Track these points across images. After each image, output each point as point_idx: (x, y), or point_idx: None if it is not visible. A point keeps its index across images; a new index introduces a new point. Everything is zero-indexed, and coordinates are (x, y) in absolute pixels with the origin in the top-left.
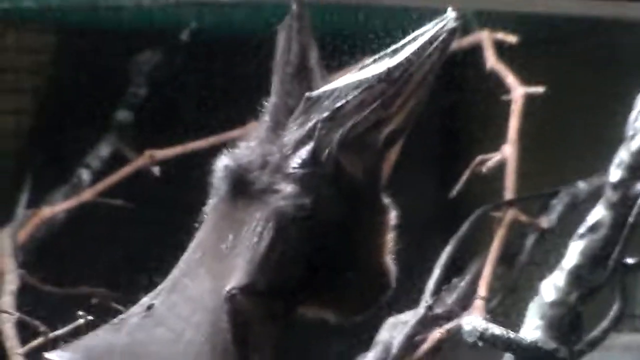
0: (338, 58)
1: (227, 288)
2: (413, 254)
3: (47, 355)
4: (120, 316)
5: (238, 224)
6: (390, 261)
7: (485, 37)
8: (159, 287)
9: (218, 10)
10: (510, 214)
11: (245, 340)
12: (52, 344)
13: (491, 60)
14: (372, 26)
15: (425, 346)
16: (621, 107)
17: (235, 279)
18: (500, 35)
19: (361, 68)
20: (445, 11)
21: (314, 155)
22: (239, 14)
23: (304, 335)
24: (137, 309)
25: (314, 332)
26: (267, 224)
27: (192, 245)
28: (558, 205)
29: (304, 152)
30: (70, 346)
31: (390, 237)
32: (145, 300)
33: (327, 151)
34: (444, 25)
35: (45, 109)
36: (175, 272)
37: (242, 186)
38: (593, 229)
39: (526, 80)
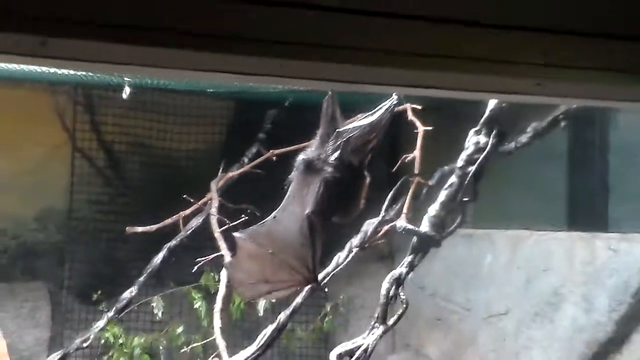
0: (347, 113)
1: (305, 212)
2: (377, 195)
3: (234, 233)
4: (263, 221)
5: (308, 183)
6: (362, 198)
7: (408, 106)
8: (278, 208)
9: (300, 93)
10: (416, 179)
11: (313, 233)
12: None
13: (410, 115)
14: (362, 99)
15: (381, 233)
16: (464, 137)
17: (308, 208)
18: (414, 105)
19: (359, 119)
20: (392, 95)
21: (340, 156)
22: (308, 94)
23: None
24: (270, 217)
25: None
26: (320, 184)
27: (289, 192)
28: (436, 176)
29: (335, 154)
30: (243, 231)
31: (365, 189)
32: (273, 214)
33: (344, 155)
34: (392, 101)
35: (229, 134)
36: (283, 203)
37: (309, 167)
38: (450, 185)
39: (424, 123)
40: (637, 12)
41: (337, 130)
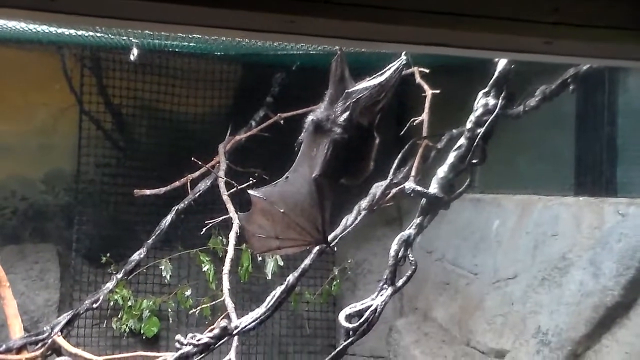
0: (356, 74)
1: (313, 175)
2: (385, 158)
3: (249, 191)
4: (276, 181)
5: (317, 144)
6: (372, 160)
7: (416, 69)
8: (289, 171)
9: (308, 56)
10: (425, 142)
11: (321, 194)
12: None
13: (418, 78)
14: (371, 60)
15: (390, 195)
16: (472, 99)
17: (316, 169)
18: (422, 68)
19: (367, 80)
20: (401, 55)
21: (349, 117)
22: (316, 57)
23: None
24: (282, 178)
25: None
26: (329, 144)
27: (299, 153)
28: (445, 139)
29: (344, 115)
30: (257, 189)
31: (374, 150)
32: (286, 174)
33: (353, 115)
34: (400, 61)
35: (237, 97)
36: (294, 164)
37: (318, 128)
38: (459, 147)
39: (432, 86)
40: None
41: (346, 90)
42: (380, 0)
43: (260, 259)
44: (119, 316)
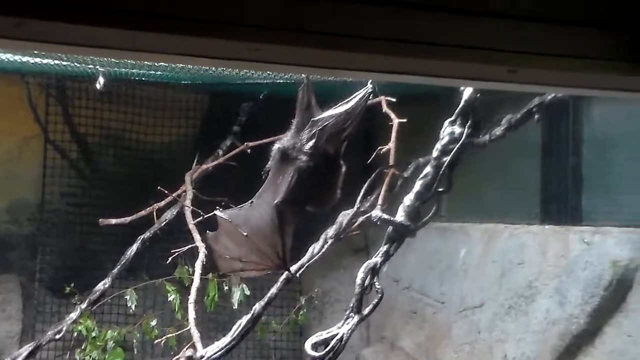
0: (323, 102)
1: (275, 201)
2: (352, 187)
3: (215, 212)
4: (240, 205)
5: (282, 172)
6: (338, 188)
7: (382, 98)
8: (254, 196)
9: (275, 85)
10: (391, 171)
11: (282, 221)
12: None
13: (385, 107)
14: (337, 88)
15: (357, 224)
16: (439, 128)
17: (279, 196)
18: (388, 97)
19: (334, 108)
20: (367, 83)
21: (315, 145)
22: (283, 85)
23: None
24: (247, 203)
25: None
26: (294, 172)
27: (266, 181)
28: (411, 167)
29: (310, 143)
30: (224, 211)
31: (341, 178)
32: (250, 200)
33: (319, 143)
34: (367, 90)
35: (203, 126)
36: (260, 191)
37: (284, 156)
38: (425, 176)
39: (399, 115)
40: (610, 2)
41: (312, 118)
42: (347, 28)
43: (226, 288)
44: (83, 347)
